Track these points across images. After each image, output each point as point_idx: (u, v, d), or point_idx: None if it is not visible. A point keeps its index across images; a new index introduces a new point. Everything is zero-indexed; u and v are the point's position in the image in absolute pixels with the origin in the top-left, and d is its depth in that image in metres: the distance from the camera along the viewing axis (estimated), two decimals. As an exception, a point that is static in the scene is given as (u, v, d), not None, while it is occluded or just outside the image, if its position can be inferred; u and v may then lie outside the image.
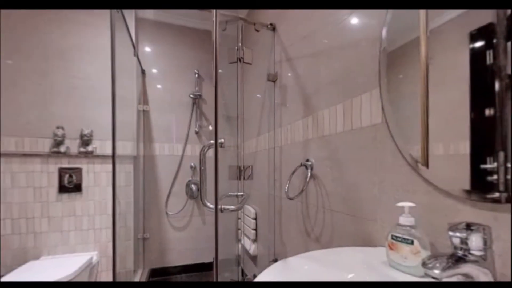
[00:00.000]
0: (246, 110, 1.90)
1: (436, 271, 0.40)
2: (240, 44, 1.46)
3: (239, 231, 2.04)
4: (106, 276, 1.91)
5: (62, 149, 1.81)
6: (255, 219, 1.80)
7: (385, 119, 0.73)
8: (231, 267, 1.98)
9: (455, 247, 0.46)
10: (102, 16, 1.93)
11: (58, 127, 1.81)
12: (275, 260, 1.48)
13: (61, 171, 1.82)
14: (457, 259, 0.42)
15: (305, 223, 1.19)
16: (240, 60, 1.46)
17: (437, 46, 0.57)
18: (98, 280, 1.90)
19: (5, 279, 1.39)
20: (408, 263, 0.55)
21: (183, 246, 2.36)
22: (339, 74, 0.95)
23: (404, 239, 0.55)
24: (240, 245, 2.01)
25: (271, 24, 1.50)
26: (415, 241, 0.54)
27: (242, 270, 2.05)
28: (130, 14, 2.01)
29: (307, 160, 1.14)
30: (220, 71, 0.95)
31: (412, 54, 0.63)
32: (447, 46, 0.55)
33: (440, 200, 0.58)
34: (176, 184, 2.32)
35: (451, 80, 0.54)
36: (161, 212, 2.30)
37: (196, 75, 2.34)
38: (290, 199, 1.14)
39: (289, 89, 1.34)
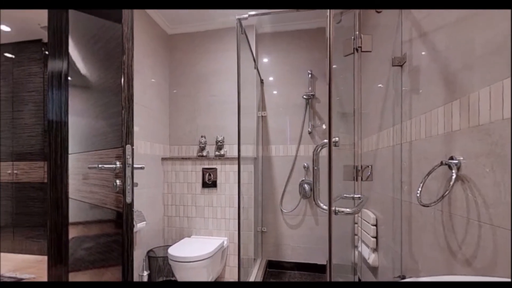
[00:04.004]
0: (364, 104, 1.69)
1: None
2: (357, 33, 1.32)
3: (356, 237, 1.84)
4: (233, 260, 2.22)
5: (204, 153, 2.32)
6: (375, 225, 1.56)
7: None
8: (346, 274, 1.80)
9: None
10: (231, 41, 2.33)
11: (202, 136, 2.35)
12: (402, 277, 1.23)
13: (204, 171, 2.30)
14: None
15: (448, 238, 0.91)
16: (357, 50, 1.32)
17: None
18: (228, 261, 2.23)
19: (172, 248, 1.88)
20: None
21: (296, 244, 2.40)
22: (507, 37, 0.67)
23: None
24: (356, 252, 1.80)
25: (397, -1, 1.27)
26: None
27: (359, 280, 1.82)
28: (251, 33, 2.29)
29: (451, 158, 0.88)
30: (334, 66, 0.90)
31: None
32: None
33: None
34: (290, 183, 2.40)
35: None
36: (277, 208, 2.44)
37: (309, 75, 2.34)
38: (425, 206, 0.91)
39: (423, 71, 1.09)
